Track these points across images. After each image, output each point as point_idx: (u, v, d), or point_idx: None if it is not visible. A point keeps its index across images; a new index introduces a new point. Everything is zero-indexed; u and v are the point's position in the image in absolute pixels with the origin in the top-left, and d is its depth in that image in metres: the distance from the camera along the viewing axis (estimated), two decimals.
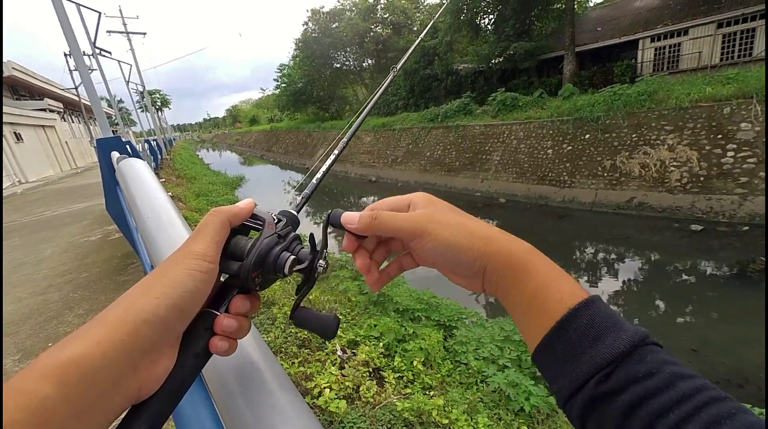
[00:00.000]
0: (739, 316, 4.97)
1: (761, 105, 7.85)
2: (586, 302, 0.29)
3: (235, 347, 0.33)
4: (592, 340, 0.27)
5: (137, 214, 0.68)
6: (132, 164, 1.09)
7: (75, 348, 0.24)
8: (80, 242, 4.66)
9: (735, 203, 7.81)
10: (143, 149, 9.97)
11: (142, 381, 0.26)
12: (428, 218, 0.35)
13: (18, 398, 0.21)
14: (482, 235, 0.34)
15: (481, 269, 0.33)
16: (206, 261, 0.30)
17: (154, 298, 0.27)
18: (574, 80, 13.93)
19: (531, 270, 0.32)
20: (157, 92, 58.86)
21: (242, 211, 0.36)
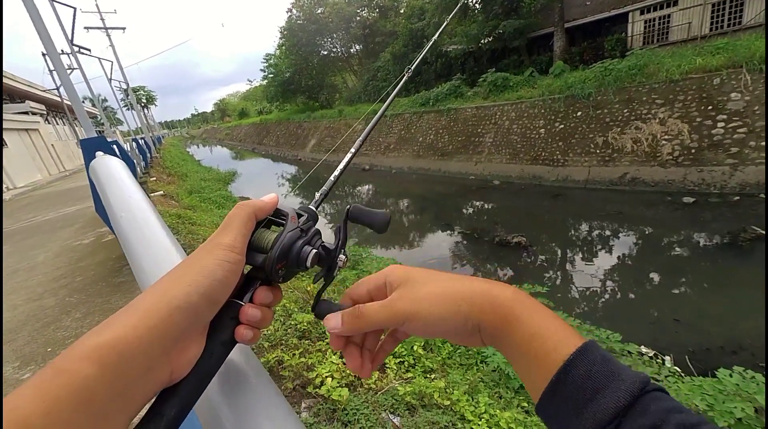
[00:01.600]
0: (732, 286, 5.07)
1: (751, 74, 7.82)
2: (581, 351, 0.28)
3: (258, 337, 0.34)
4: (592, 393, 0.26)
5: (111, 212, 0.66)
6: (105, 163, 1.06)
7: (113, 331, 0.25)
8: (73, 246, 4.61)
9: (726, 174, 7.87)
10: (131, 148, 9.79)
11: (173, 365, 0.28)
12: (407, 301, 0.35)
13: (62, 377, 0.22)
14: (464, 297, 0.33)
15: (474, 328, 0.33)
16: (234, 252, 0.32)
17: (186, 286, 0.29)
18: (565, 57, 13.76)
19: (520, 319, 0.31)
20: (142, 89, 57.51)
21: (267, 206, 0.37)
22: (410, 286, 0.36)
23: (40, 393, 0.21)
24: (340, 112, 22.68)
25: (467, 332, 0.34)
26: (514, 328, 0.31)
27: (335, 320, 0.36)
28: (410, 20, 20.61)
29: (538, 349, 0.30)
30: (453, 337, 0.35)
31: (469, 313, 0.33)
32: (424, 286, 0.35)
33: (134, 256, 0.52)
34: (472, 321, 0.33)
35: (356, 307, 0.36)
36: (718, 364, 2.82)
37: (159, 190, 8.09)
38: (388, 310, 0.35)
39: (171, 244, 0.54)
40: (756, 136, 7.63)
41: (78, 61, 11.31)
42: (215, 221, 6.44)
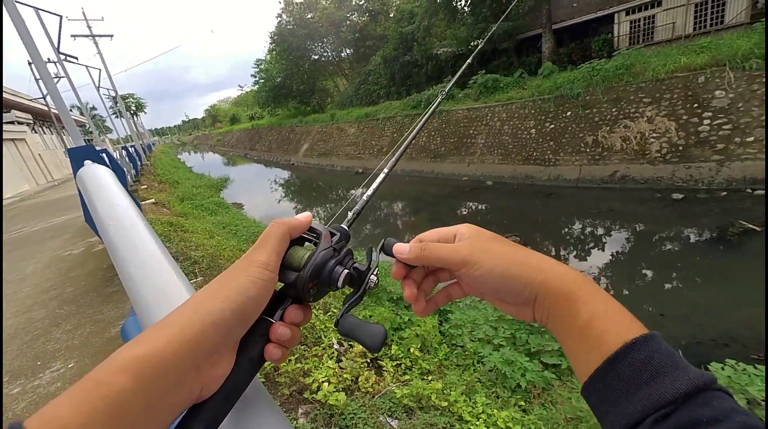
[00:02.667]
0: (722, 279, 5.15)
1: (734, 72, 8.00)
2: (645, 338, 0.28)
3: (286, 356, 0.34)
4: (650, 376, 0.26)
5: (98, 221, 0.65)
6: (92, 171, 1.05)
7: (148, 345, 0.25)
8: (63, 256, 4.53)
9: (713, 170, 8.02)
10: (121, 156, 9.67)
11: (203, 381, 0.28)
12: (474, 248, 0.36)
13: (100, 389, 0.23)
14: (530, 264, 0.34)
15: (531, 297, 0.33)
16: (268, 270, 0.32)
17: (220, 302, 0.29)
18: (553, 58, 13.95)
19: (584, 299, 0.31)
20: (131, 96, 56.95)
21: (301, 224, 0.37)
22: (478, 239, 0.37)
23: (78, 404, 0.22)
24: (332, 116, 22.68)
25: (522, 299, 0.34)
26: (576, 306, 0.31)
27: (404, 247, 0.38)
28: (400, 24, 20.73)
29: (597, 329, 0.29)
30: (506, 300, 0.36)
31: (530, 281, 0.33)
32: (492, 243, 0.36)
33: (122, 264, 0.52)
34: (531, 289, 0.33)
35: (424, 242, 0.38)
36: (710, 356, 2.86)
37: (150, 198, 8.00)
38: (450, 250, 0.36)
39: (160, 252, 0.53)
40: (741, 133, 7.79)
41: (65, 69, 11.18)
42: (208, 228, 6.39)
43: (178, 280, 0.48)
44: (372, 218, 11.40)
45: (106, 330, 2.60)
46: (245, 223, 8.12)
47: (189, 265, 4.10)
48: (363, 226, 10.78)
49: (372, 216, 11.64)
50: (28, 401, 2.00)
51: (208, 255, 4.49)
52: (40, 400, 1.99)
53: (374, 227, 10.50)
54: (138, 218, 0.61)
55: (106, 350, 2.38)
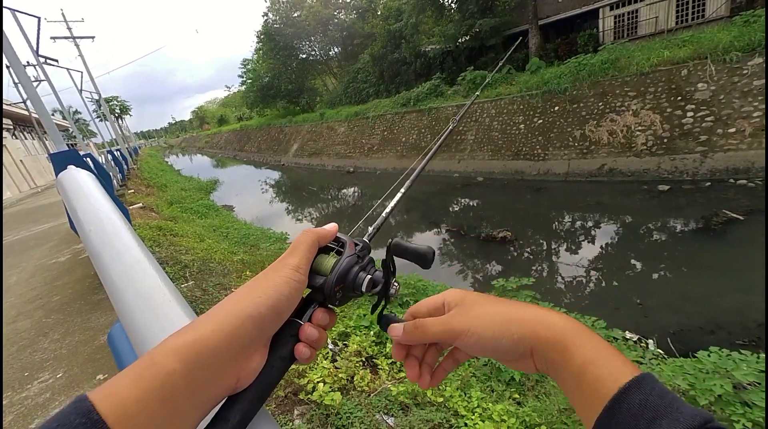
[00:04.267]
0: (707, 268, 5.28)
1: (715, 65, 8.18)
2: (637, 381, 0.28)
3: (313, 357, 0.36)
4: (647, 423, 0.26)
5: (80, 227, 0.63)
6: (72, 176, 1.02)
7: (194, 332, 0.28)
8: (48, 265, 4.43)
9: (697, 161, 8.20)
10: (106, 160, 9.48)
11: (239, 372, 0.30)
12: (463, 317, 0.37)
13: (153, 368, 0.25)
14: (521, 319, 0.35)
15: (527, 351, 0.34)
16: (299, 272, 0.35)
17: (256, 298, 0.32)
18: (540, 54, 14.08)
19: (576, 346, 0.32)
20: (115, 99, 55.74)
21: (329, 234, 0.40)
22: (466, 306, 0.38)
23: (134, 381, 0.25)
24: (321, 115, 22.55)
25: (519, 354, 0.35)
26: (568, 354, 0.32)
27: (398, 330, 0.40)
28: (388, 21, 20.69)
29: (591, 376, 0.30)
30: (505, 359, 0.37)
31: (522, 336, 0.34)
32: (479, 307, 0.38)
33: (105, 271, 0.51)
34: (525, 344, 0.34)
35: (416, 320, 0.39)
36: (697, 344, 2.93)
37: (138, 202, 7.86)
38: (443, 325, 0.38)
39: (144, 257, 0.52)
40: (723, 124, 7.97)
41: (45, 72, 10.90)
42: (198, 232, 6.31)
43: (163, 286, 0.47)
44: (365, 216, 11.39)
45: (95, 338, 2.55)
46: (236, 225, 8.05)
47: (179, 269, 4.04)
48: (357, 225, 10.76)
49: (363, 214, 11.63)
50: (16, 413, 1.95)
51: (198, 259, 4.43)
52: (28, 413, 1.95)
53: (366, 225, 10.48)
54: (121, 223, 0.60)
55: (95, 358, 2.34)
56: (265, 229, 7.97)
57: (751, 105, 7.68)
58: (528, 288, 3.50)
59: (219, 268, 4.33)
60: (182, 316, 0.42)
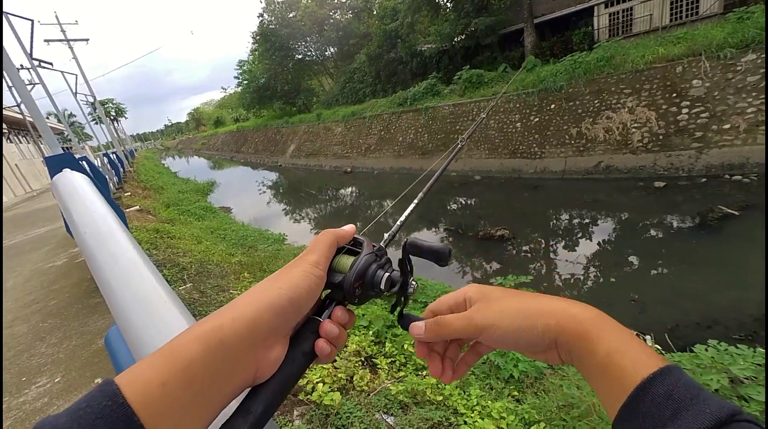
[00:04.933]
0: (704, 264, 5.31)
1: (709, 61, 8.22)
2: (662, 371, 0.28)
3: (334, 355, 0.36)
4: (672, 413, 0.25)
5: (75, 229, 0.63)
6: (67, 178, 1.02)
7: (215, 321, 0.29)
8: (45, 269, 4.40)
9: (692, 157, 8.24)
10: (102, 163, 9.44)
11: (259, 362, 0.30)
12: (485, 312, 0.37)
13: (176, 353, 0.26)
14: (543, 311, 0.35)
15: (551, 343, 0.35)
16: (319, 268, 0.36)
17: (277, 289, 0.33)
18: (536, 52, 14.11)
19: (599, 337, 0.32)
20: (110, 101, 55.47)
21: (347, 234, 0.41)
22: (489, 301, 0.38)
23: (158, 366, 0.26)
24: (318, 115, 22.52)
25: (544, 346, 0.35)
26: (592, 345, 0.32)
27: (419, 328, 0.40)
28: (383, 21, 20.68)
29: (615, 366, 0.30)
30: (530, 351, 0.37)
31: (546, 328, 0.34)
32: (501, 301, 0.38)
33: (100, 273, 0.51)
34: (549, 336, 0.34)
35: (438, 317, 0.39)
36: (695, 339, 2.95)
37: (134, 204, 7.83)
38: (465, 321, 0.38)
39: (140, 260, 0.52)
40: (717, 120, 8.02)
41: (39, 75, 10.83)
42: (195, 234, 6.29)
43: (159, 287, 0.47)
44: (362, 217, 11.38)
45: (93, 342, 2.54)
46: (234, 226, 8.03)
47: (177, 271, 4.03)
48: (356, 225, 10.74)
49: (362, 214, 11.62)
50: (14, 418, 1.94)
51: (196, 261, 4.42)
52: (27, 417, 1.94)
53: (365, 226, 10.48)
54: (116, 225, 0.60)
55: (93, 362, 2.33)
56: (263, 230, 7.95)
57: (745, 101, 7.73)
58: (526, 285, 3.51)
59: (217, 270, 4.31)
60: (179, 317, 0.42)
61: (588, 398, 1.83)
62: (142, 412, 0.23)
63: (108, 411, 0.22)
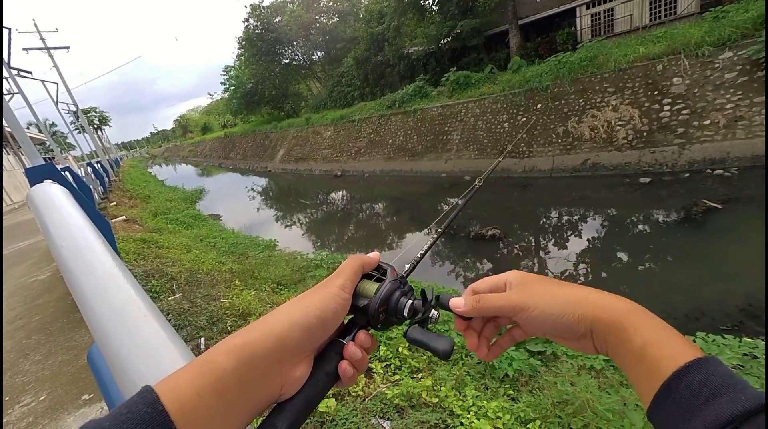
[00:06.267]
0: (689, 257, 5.43)
1: (688, 59, 8.45)
2: (699, 361, 0.28)
3: (356, 378, 0.37)
4: (707, 398, 0.26)
5: (51, 243, 0.61)
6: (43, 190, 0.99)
7: (245, 336, 0.31)
8: (28, 283, 4.27)
9: (675, 153, 8.44)
10: (86, 173, 9.24)
11: (284, 379, 0.31)
12: (525, 294, 0.39)
13: (209, 365, 0.28)
14: (581, 300, 0.36)
15: (587, 331, 0.35)
16: (345, 291, 0.37)
17: (305, 307, 0.34)
18: (521, 53, 14.32)
19: (635, 327, 0.33)
20: (93, 110, 54.40)
21: (372, 261, 0.42)
22: (529, 284, 0.40)
23: (193, 376, 0.27)
24: (307, 119, 22.45)
25: (579, 334, 0.36)
26: (629, 335, 0.32)
27: (460, 301, 0.41)
28: (370, 24, 20.76)
29: (652, 355, 0.30)
30: (564, 337, 0.38)
31: (583, 316, 0.35)
32: (542, 286, 0.39)
33: (77, 287, 0.49)
34: (586, 324, 0.35)
35: (479, 294, 0.41)
36: (683, 331, 3.00)
37: (121, 214, 7.68)
38: (504, 299, 0.39)
39: (118, 271, 0.50)
40: (698, 117, 8.23)
41: (18, 85, 10.57)
42: (184, 243, 6.19)
43: (139, 300, 0.45)
44: (355, 220, 11.35)
45: (79, 357, 2.47)
46: (224, 234, 7.92)
47: (166, 281, 3.96)
48: (348, 229, 10.72)
49: (354, 218, 11.59)
50: None
51: (185, 270, 4.35)
52: None
53: (357, 229, 10.46)
54: (95, 237, 0.58)
55: (80, 378, 2.26)
56: (253, 237, 7.87)
57: (723, 97, 7.95)
58: None
59: (207, 279, 4.25)
60: (158, 330, 0.41)
61: (582, 394, 1.84)
62: (178, 419, 0.24)
63: (148, 417, 0.24)
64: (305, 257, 5.76)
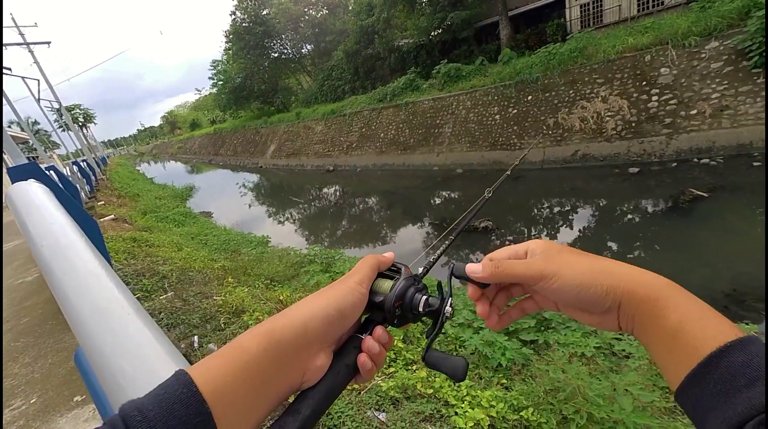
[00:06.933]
0: (679, 245, 5.54)
1: (676, 49, 8.53)
2: (741, 341, 0.27)
3: (374, 372, 0.38)
4: (749, 380, 0.25)
5: (31, 242, 0.59)
6: (23, 189, 0.96)
7: (272, 324, 0.33)
8: (15, 285, 4.19)
9: (663, 143, 8.56)
10: (72, 172, 9.04)
11: (306, 366, 0.33)
12: (550, 261, 0.37)
13: (239, 350, 0.30)
14: (612, 272, 0.34)
15: (614, 305, 0.33)
16: (362, 286, 0.38)
17: (325, 299, 0.36)
18: (511, 44, 14.30)
19: (674, 303, 0.31)
20: (77, 107, 53.03)
21: (387, 260, 0.43)
22: (553, 252, 0.38)
23: (225, 360, 0.29)
24: (297, 114, 22.21)
25: (604, 308, 0.34)
26: (663, 312, 0.31)
27: (477, 266, 0.40)
28: (359, 17, 20.50)
29: (690, 333, 0.29)
30: (586, 311, 0.36)
31: (612, 288, 0.33)
32: (567, 255, 0.37)
33: (58, 286, 0.47)
34: (613, 297, 0.33)
35: (498, 260, 0.39)
36: None
37: (109, 214, 7.55)
38: (525, 266, 0.38)
39: (101, 270, 0.49)
40: (685, 106, 8.34)
41: None
42: (175, 241, 6.11)
43: (122, 299, 0.44)
44: (348, 215, 11.33)
45: (69, 359, 2.44)
46: (215, 231, 7.85)
47: (157, 280, 3.91)
48: (341, 223, 10.70)
49: (347, 213, 11.56)
50: None
51: (177, 268, 4.30)
52: None
53: (350, 224, 10.45)
54: (76, 236, 0.56)
55: (71, 380, 2.24)
56: (245, 234, 7.81)
57: (709, 87, 8.06)
58: None
59: (199, 277, 4.21)
60: (143, 328, 0.40)
61: (573, 381, 1.88)
62: (210, 399, 0.26)
63: (184, 397, 0.25)
64: (298, 253, 5.74)
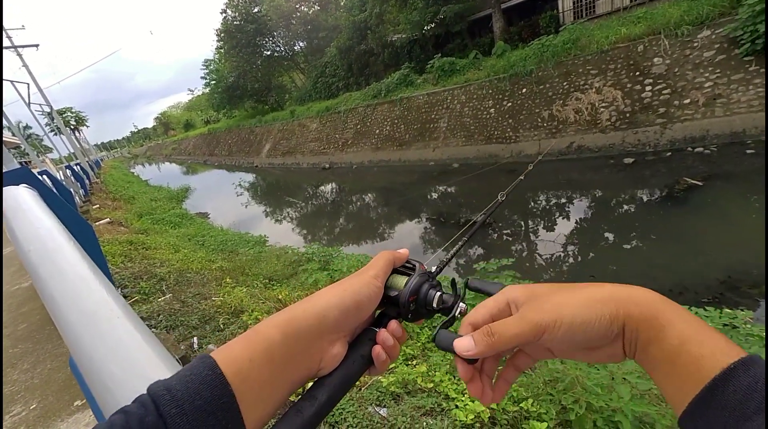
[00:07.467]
0: (675, 234, 5.57)
1: (668, 39, 8.53)
2: (745, 362, 0.26)
3: (388, 364, 0.39)
4: (758, 406, 0.24)
5: (18, 248, 0.59)
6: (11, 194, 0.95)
7: (291, 312, 0.34)
8: (11, 292, 4.16)
9: (657, 133, 8.59)
10: (65, 176, 8.96)
11: (323, 354, 0.34)
12: (541, 310, 0.33)
13: (259, 336, 0.31)
14: (602, 299, 0.32)
15: (619, 333, 0.31)
16: (377, 280, 0.39)
17: (341, 291, 0.37)
18: (505, 37, 14.24)
19: (670, 322, 0.29)
20: (69, 110, 52.46)
21: (402, 256, 0.43)
22: (540, 298, 0.34)
23: (246, 345, 0.30)
24: (292, 112, 22.08)
25: (611, 338, 0.32)
26: (663, 331, 0.29)
27: (467, 342, 0.34)
28: (352, 12, 20.34)
29: (690, 355, 0.27)
30: (594, 348, 0.33)
31: (614, 315, 0.31)
32: (555, 295, 0.34)
33: (45, 291, 0.47)
34: (617, 324, 0.31)
35: (486, 326, 0.34)
36: None
37: (104, 217, 7.50)
38: (524, 323, 0.33)
39: (90, 273, 0.48)
40: (678, 96, 8.37)
41: None
42: (172, 242, 6.09)
43: (112, 302, 0.44)
44: (345, 212, 11.31)
45: (68, 363, 2.43)
46: (212, 232, 7.82)
47: (155, 282, 3.90)
48: (338, 221, 10.68)
49: (344, 210, 11.55)
50: None
51: (174, 270, 4.29)
52: None
53: (347, 222, 10.44)
54: (64, 240, 0.56)
55: (71, 385, 2.23)
56: (242, 234, 7.79)
57: (702, 76, 8.08)
58: (509, 268, 3.59)
59: (197, 278, 4.20)
60: (132, 332, 0.40)
61: (572, 372, 1.89)
62: (233, 381, 0.28)
63: (209, 379, 0.27)
64: (296, 251, 5.73)
